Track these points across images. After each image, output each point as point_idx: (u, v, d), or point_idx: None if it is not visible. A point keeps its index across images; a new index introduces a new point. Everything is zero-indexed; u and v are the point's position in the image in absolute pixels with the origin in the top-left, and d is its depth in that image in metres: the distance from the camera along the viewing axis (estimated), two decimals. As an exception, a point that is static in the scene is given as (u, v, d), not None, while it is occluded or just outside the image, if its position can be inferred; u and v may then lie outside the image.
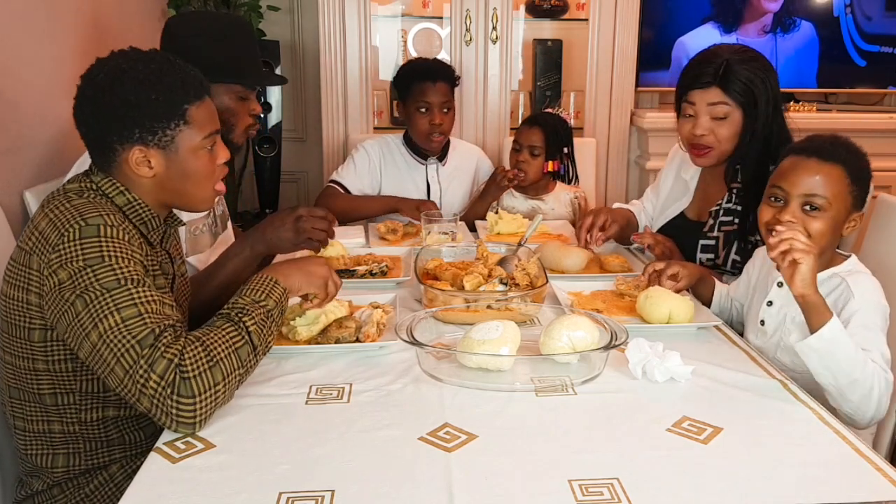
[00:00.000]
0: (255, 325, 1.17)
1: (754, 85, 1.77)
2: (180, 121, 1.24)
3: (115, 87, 1.21)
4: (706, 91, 1.80)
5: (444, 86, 2.45)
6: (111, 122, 1.22)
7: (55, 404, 1.26)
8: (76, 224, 1.15)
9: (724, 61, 1.78)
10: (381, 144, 2.61)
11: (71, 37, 2.23)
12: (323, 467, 1.02)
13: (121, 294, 1.10)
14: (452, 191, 2.62)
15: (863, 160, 1.40)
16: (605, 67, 3.17)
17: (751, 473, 1.01)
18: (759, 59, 1.81)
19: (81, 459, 1.29)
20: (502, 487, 0.97)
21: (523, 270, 1.65)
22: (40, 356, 1.23)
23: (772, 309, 1.46)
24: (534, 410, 1.18)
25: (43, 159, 2.02)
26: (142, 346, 1.07)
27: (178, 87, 1.24)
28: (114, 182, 1.26)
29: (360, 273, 1.78)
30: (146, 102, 1.21)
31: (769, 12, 3.32)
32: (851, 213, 1.39)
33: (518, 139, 2.51)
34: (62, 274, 1.13)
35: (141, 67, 1.23)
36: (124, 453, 1.32)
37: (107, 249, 1.14)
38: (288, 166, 3.64)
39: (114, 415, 1.29)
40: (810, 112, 3.30)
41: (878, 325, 1.32)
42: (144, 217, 1.28)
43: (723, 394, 1.24)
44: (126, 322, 1.09)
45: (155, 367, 1.06)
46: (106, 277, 1.11)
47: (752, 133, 1.79)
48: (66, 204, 1.20)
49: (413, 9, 3.36)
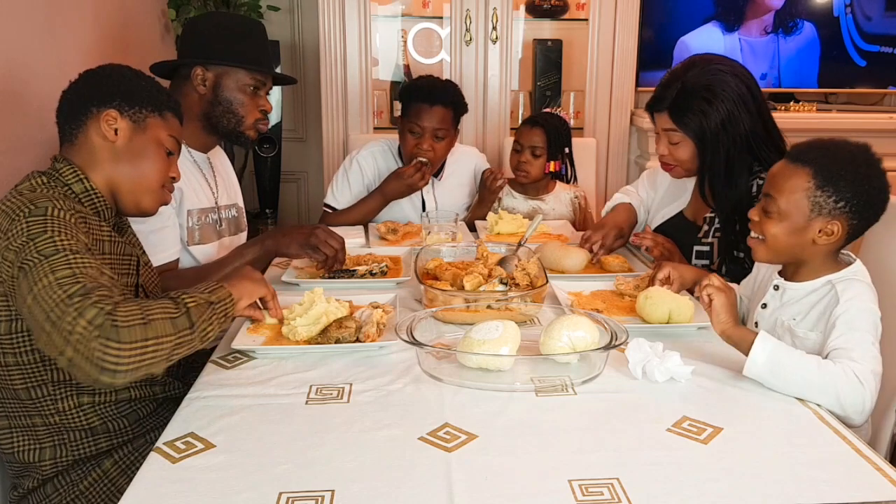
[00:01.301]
0: (196, 305, 1.16)
1: (706, 116, 1.71)
2: (156, 112, 1.40)
3: (112, 70, 1.41)
4: (661, 115, 1.79)
5: (443, 111, 2.29)
6: (98, 88, 1.36)
7: (30, 398, 1.27)
8: (26, 208, 1.19)
9: (679, 87, 1.74)
10: (376, 156, 2.47)
11: (71, 36, 2.23)
12: (323, 467, 1.02)
13: (58, 259, 1.12)
14: (450, 205, 2.48)
15: (841, 165, 1.30)
16: (605, 67, 3.17)
17: (751, 473, 1.01)
18: (712, 86, 1.71)
19: (67, 450, 1.30)
20: (502, 487, 0.97)
21: (523, 270, 1.65)
22: (8, 349, 1.24)
23: (765, 312, 1.45)
24: (534, 410, 1.18)
25: (43, 159, 2.01)
26: (72, 298, 1.06)
27: (164, 95, 1.44)
28: (74, 169, 1.33)
29: (360, 273, 1.78)
30: (136, 84, 1.40)
31: (772, 10, 3.32)
32: (812, 220, 1.31)
33: (519, 140, 2.51)
34: (10, 255, 1.15)
35: (138, 71, 1.44)
36: (111, 442, 1.32)
37: (51, 225, 1.17)
38: (288, 166, 3.64)
39: (89, 401, 1.30)
40: (810, 112, 3.30)
41: (863, 328, 1.27)
42: (99, 206, 1.35)
43: (723, 394, 1.24)
44: (59, 280, 1.09)
45: (85, 313, 1.04)
46: (45, 246, 1.13)
47: (713, 156, 1.74)
48: (18, 196, 1.23)
49: (413, 9, 3.36)
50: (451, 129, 2.35)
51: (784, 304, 1.40)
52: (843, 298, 1.30)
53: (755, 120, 1.74)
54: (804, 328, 1.36)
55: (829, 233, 1.32)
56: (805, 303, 1.38)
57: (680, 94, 1.74)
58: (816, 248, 1.34)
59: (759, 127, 1.75)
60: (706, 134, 1.73)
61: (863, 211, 1.31)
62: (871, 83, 3.46)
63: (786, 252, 1.38)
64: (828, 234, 1.32)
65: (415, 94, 2.32)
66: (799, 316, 1.38)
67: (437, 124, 2.29)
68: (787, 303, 1.40)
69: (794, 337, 1.37)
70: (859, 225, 1.33)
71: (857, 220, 1.32)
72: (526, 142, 2.48)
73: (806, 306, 1.37)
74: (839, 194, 1.30)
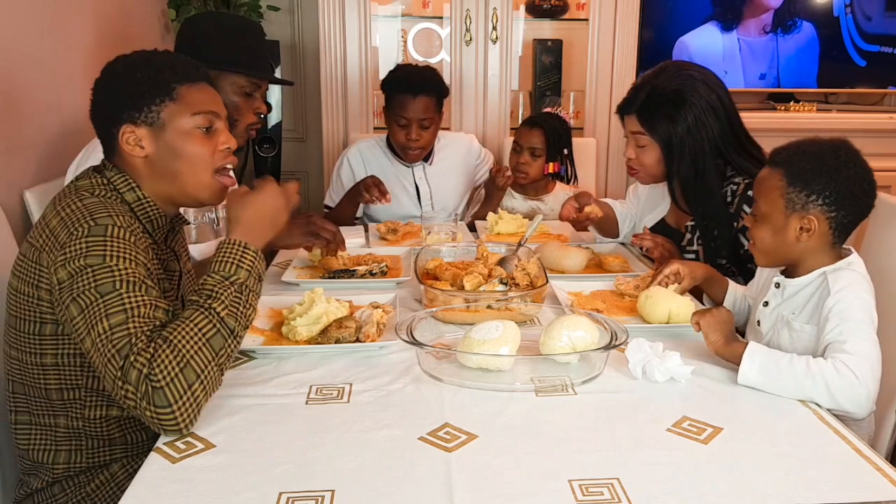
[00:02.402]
0: (227, 308, 1.13)
1: (672, 121, 1.72)
2: (166, 97, 1.25)
3: (110, 72, 1.27)
4: (630, 118, 1.80)
5: (426, 100, 2.36)
6: (105, 106, 1.27)
7: (61, 399, 1.26)
8: (86, 223, 1.16)
9: (648, 90, 1.74)
10: (363, 150, 2.57)
11: (71, 36, 2.23)
12: (323, 467, 1.02)
13: (113, 299, 1.10)
14: (445, 188, 2.59)
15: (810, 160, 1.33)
16: (605, 67, 3.16)
17: (751, 473, 1.01)
18: (681, 91, 1.72)
19: (83, 456, 1.29)
20: (502, 487, 0.97)
21: (523, 270, 1.65)
22: (49, 350, 1.23)
23: (767, 309, 1.46)
24: (534, 410, 1.18)
25: (43, 159, 2.02)
26: (119, 355, 1.06)
27: (166, 68, 1.26)
28: (125, 177, 1.27)
29: (360, 273, 1.78)
30: (130, 80, 1.25)
31: (770, 9, 3.32)
32: (789, 217, 1.34)
33: (518, 140, 2.51)
34: (62, 273, 1.13)
35: (134, 55, 1.28)
36: (126, 453, 1.32)
37: (110, 249, 1.14)
38: (288, 166, 3.64)
39: (117, 414, 1.28)
40: (810, 112, 3.30)
41: (856, 317, 1.27)
42: (152, 215, 1.29)
43: (723, 394, 1.24)
44: (112, 329, 1.08)
45: (128, 377, 1.04)
46: (103, 279, 1.11)
47: (679, 161, 1.74)
48: (78, 202, 1.20)
49: (413, 9, 3.36)
50: (435, 115, 2.42)
51: (785, 301, 1.41)
52: (833, 289, 1.31)
53: (724, 127, 1.74)
54: (800, 321, 1.37)
55: (808, 228, 1.34)
56: (802, 296, 1.39)
57: (649, 98, 1.75)
58: (803, 245, 1.36)
59: (729, 134, 1.75)
60: (672, 139, 1.74)
61: (841, 201, 1.33)
62: (871, 83, 3.46)
63: (774, 253, 1.40)
64: (807, 229, 1.34)
65: (396, 86, 2.39)
66: (797, 310, 1.39)
67: (421, 114, 2.37)
68: (787, 299, 1.41)
69: (791, 331, 1.38)
70: (844, 216, 1.34)
71: (837, 211, 1.33)
72: (525, 142, 2.48)
73: (802, 300, 1.38)
74: (809, 188, 1.32)
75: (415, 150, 2.45)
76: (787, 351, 1.28)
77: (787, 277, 1.42)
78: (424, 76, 2.42)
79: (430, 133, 2.43)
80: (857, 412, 1.23)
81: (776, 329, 1.42)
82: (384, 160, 2.55)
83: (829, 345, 1.27)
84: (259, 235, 1.23)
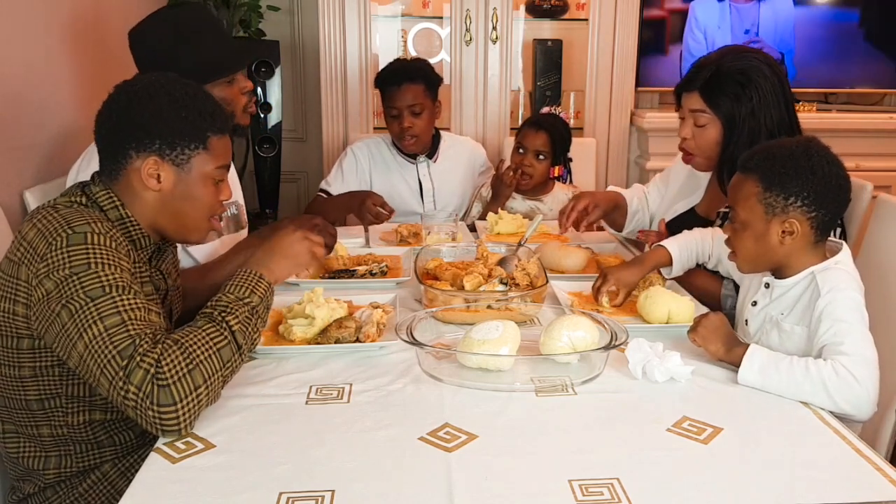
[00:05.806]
0: (239, 324, 1.16)
1: (738, 100, 1.70)
2: (200, 145, 1.27)
3: (149, 98, 1.25)
4: (690, 95, 1.78)
5: (413, 87, 2.39)
6: (136, 129, 1.24)
7: (42, 409, 1.25)
8: (63, 233, 1.15)
9: (713, 69, 1.73)
10: (370, 145, 2.61)
11: (71, 36, 2.23)
12: (323, 467, 1.02)
13: (105, 302, 1.10)
14: (447, 187, 2.61)
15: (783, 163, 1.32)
16: (605, 67, 3.17)
17: (751, 473, 1.01)
18: (748, 72, 1.71)
19: (73, 461, 1.29)
20: (502, 487, 0.97)
21: (523, 270, 1.65)
22: (27, 363, 1.22)
23: (755, 309, 1.45)
24: (534, 410, 1.18)
25: (43, 159, 2.02)
26: (122, 356, 1.06)
27: (207, 114, 1.28)
28: (111, 196, 1.26)
29: (360, 273, 1.78)
30: (175, 118, 1.25)
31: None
32: (769, 222, 1.33)
33: (522, 142, 2.50)
34: (48, 284, 1.12)
35: (178, 87, 1.27)
36: (116, 454, 1.32)
37: (93, 256, 1.14)
38: (288, 166, 3.64)
39: (100, 418, 1.28)
40: (810, 112, 3.30)
41: (849, 317, 1.27)
42: (134, 235, 1.28)
43: (723, 394, 1.24)
44: (109, 331, 1.08)
45: (132, 377, 1.05)
46: (91, 285, 1.11)
47: (738, 143, 1.72)
48: (54, 214, 1.20)
49: (413, 9, 3.36)
50: (426, 102, 2.44)
51: (773, 301, 1.41)
52: (823, 290, 1.31)
53: (782, 114, 1.73)
54: (790, 322, 1.37)
55: (791, 231, 1.33)
56: (790, 297, 1.38)
57: (714, 76, 1.73)
58: (787, 248, 1.35)
59: (786, 122, 1.74)
60: (735, 118, 1.72)
61: (820, 200, 1.32)
62: (871, 83, 3.46)
63: (759, 260, 1.39)
64: (789, 232, 1.33)
65: (385, 80, 2.45)
66: (786, 310, 1.38)
67: (410, 101, 2.41)
68: (776, 299, 1.40)
69: (781, 332, 1.38)
70: (824, 215, 1.33)
71: (817, 210, 1.32)
72: (530, 145, 2.47)
73: (791, 300, 1.38)
74: (787, 191, 1.32)
75: (410, 139, 2.47)
76: (776, 351, 1.28)
77: (776, 278, 1.42)
78: (409, 66, 2.46)
79: (423, 120, 2.45)
80: (857, 414, 1.22)
81: (765, 329, 1.42)
82: (389, 157, 2.59)
83: (824, 346, 1.27)
84: (276, 271, 1.27)
